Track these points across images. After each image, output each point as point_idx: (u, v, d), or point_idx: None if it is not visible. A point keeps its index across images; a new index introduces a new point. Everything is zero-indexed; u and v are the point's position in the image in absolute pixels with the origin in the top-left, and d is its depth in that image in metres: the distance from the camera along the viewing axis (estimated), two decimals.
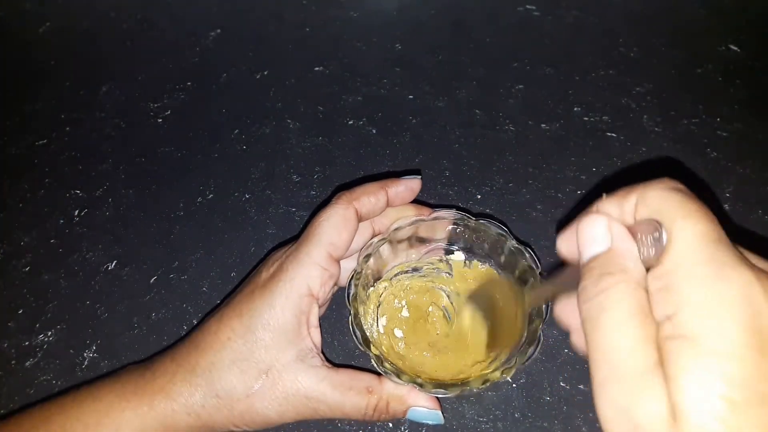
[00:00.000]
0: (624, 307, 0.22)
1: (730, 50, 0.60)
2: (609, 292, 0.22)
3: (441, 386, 0.33)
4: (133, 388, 0.34)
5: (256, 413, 0.33)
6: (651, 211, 0.23)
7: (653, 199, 0.24)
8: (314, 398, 0.33)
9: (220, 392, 0.32)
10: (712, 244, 0.21)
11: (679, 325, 0.20)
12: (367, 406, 0.33)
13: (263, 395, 0.33)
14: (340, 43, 0.62)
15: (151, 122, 0.57)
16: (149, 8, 0.67)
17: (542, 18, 0.64)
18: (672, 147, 0.53)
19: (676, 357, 0.20)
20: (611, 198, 0.26)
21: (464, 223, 0.39)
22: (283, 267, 0.34)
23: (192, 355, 0.34)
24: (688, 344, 0.20)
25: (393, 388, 0.34)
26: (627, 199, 0.25)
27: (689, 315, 0.20)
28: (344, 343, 0.43)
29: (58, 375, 0.42)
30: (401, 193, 0.37)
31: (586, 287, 0.23)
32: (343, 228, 0.35)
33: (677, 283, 0.21)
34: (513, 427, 0.39)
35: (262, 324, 0.33)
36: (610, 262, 0.23)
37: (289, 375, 0.33)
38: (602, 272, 0.23)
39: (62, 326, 0.44)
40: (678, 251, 0.21)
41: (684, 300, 0.21)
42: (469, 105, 0.57)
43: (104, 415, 0.33)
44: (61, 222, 0.50)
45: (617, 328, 0.22)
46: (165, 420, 0.33)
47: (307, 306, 0.34)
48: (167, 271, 0.47)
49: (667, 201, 0.23)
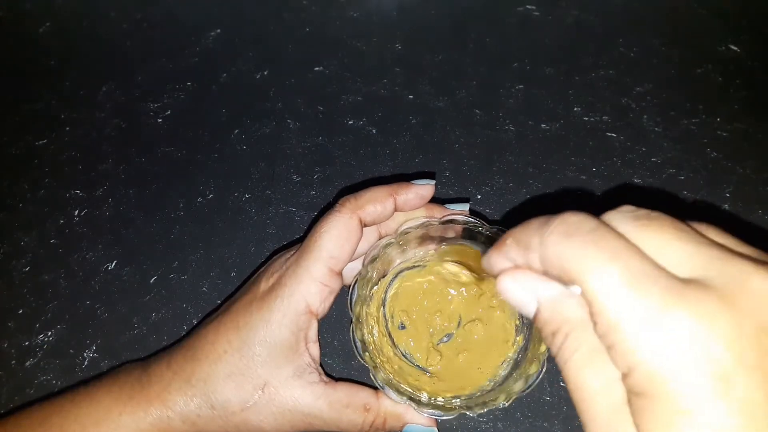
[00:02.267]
0: (579, 355, 0.21)
1: (730, 50, 0.60)
2: (564, 346, 0.21)
3: (438, 407, 0.33)
4: (130, 393, 0.34)
5: (252, 426, 0.33)
6: (557, 272, 0.21)
7: (551, 254, 0.21)
8: (310, 414, 0.33)
9: (216, 404, 0.32)
10: (633, 289, 0.19)
11: (635, 384, 0.19)
12: (364, 423, 0.33)
13: (259, 410, 0.32)
14: (340, 43, 0.62)
15: (151, 122, 0.57)
16: (149, 8, 0.66)
17: (542, 18, 0.64)
18: (672, 147, 0.53)
19: (642, 414, 0.19)
20: (513, 238, 0.24)
21: (478, 230, 0.37)
22: (282, 282, 0.33)
23: (189, 363, 0.34)
24: (649, 402, 0.18)
25: (390, 405, 0.34)
26: (529, 246, 0.23)
27: (642, 375, 0.18)
28: (344, 343, 0.43)
29: (58, 375, 0.42)
30: (410, 201, 0.36)
31: (549, 345, 0.22)
32: (345, 240, 0.33)
33: (618, 344, 0.19)
34: (513, 427, 0.39)
35: (258, 340, 0.33)
36: (550, 318, 0.22)
37: (286, 391, 0.33)
38: (550, 331, 0.22)
39: (62, 326, 0.44)
40: (604, 308, 0.19)
41: (631, 362, 0.19)
42: (469, 105, 0.57)
43: (102, 417, 0.33)
44: (61, 222, 0.50)
45: (582, 374, 0.21)
46: (161, 426, 0.33)
47: (305, 323, 0.33)
48: (167, 271, 0.47)
49: (565, 259, 0.21)
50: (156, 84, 0.60)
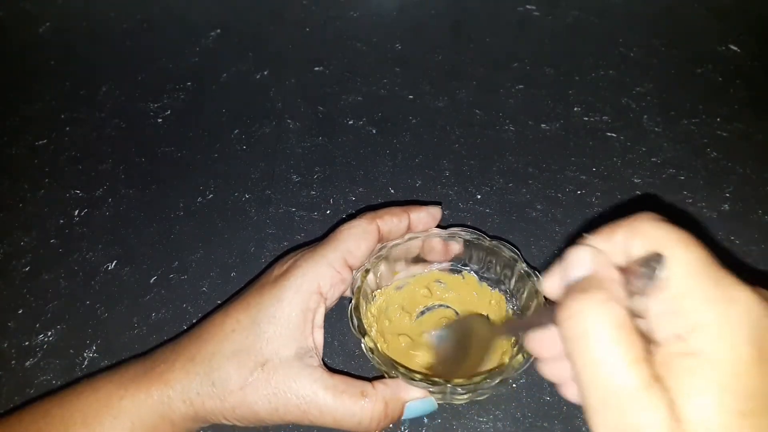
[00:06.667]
0: (608, 325, 0.21)
1: (730, 50, 0.60)
2: (591, 310, 0.22)
3: (431, 383, 0.33)
4: (132, 376, 0.34)
5: (247, 407, 0.33)
6: (647, 242, 0.24)
7: (647, 230, 0.24)
8: (304, 398, 0.33)
9: (216, 380, 0.33)
10: (712, 269, 0.22)
11: (692, 343, 0.21)
12: (362, 413, 0.33)
13: (256, 389, 0.32)
14: (340, 43, 0.62)
15: (151, 122, 0.57)
16: (149, 8, 0.67)
17: (542, 18, 0.64)
18: (672, 147, 0.53)
19: (688, 373, 0.21)
20: (596, 235, 0.26)
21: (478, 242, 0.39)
22: (297, 264, 0.35)
23: (194, 344, 0.34)
24: (698, 361, 0.21)
25: (387, 390, 0.34)
26: (614, 234, 0.25)
27: (700, 335, 0.21)
28: (344, 344, 0.43)
29: (58, 375, 0.42)
30: (423, 219, 0.39)
31: (566, 303, 0.23)
32: (362, 239, 0.36)
33: (686, 305, 0.22)
34: (513, 427, 0.39)
35: (267, 317, 0.33)
36: (591, 282, 0.23)
37: (284, 370, 0.33)
38: (583, 288, 0.23)
39: (62, 326, 0.44)
40: (681, 277, 0.22)
41: (694, 321, 0.22)
42: (469, 105, 0.57)
43: (103, 404, 0.33)
44: (61, 222, 0.50)
45: (605, 347, 0.21)
46: (161, 408, 0.33)
47: (314, 303, 0.34)
48: (167, 271, 0.47)
49: (660, 232, 0.24)
50: (156, 84, 0.60)
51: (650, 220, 0.25)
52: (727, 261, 0.23)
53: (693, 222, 0.48)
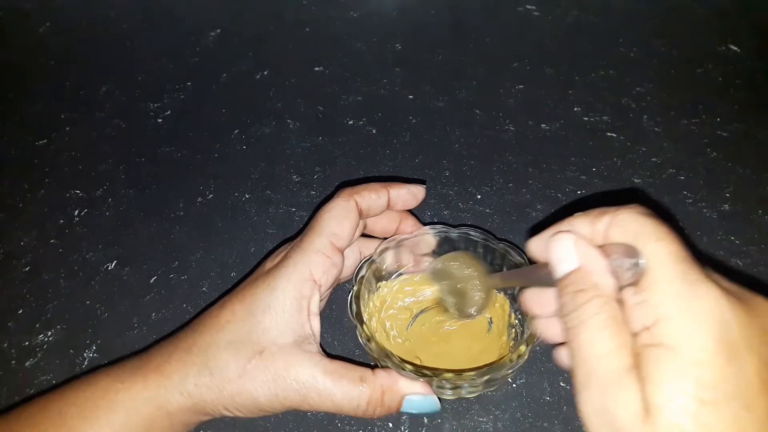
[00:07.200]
0: (598, 318, 0.24)
1: (730, 50, 0.60)
2: (585, 307, 0.25)
3: (420, 373, 0.33)
4: (129, 370, 0.34)
5: (247, 395, 0.33)
6: (624, 232, 0.26)
7: (626, 222, 0.26)
8: (304, 382, 0.32)
9: (214, 370, 0.33)
10: (683, 264, 0.24)
11: (657, 335, 0.23)
12: (360, 397, 0.33)
13: (254, 377, 0.32)
14: (340, 43, 0.62)
15: (151, 122, 0.57)
16: (149, 8, 0.67)
17: (542, 18, 0.64)
18: (672, 147, 0.53)
19: (654, 362, 0.23)
20: (584, 216, 0.28)
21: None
22: (287, 255, 0.35)
23: (190, 337, 0.34)
24: (664, 351, 0.23)
25: (386, 378, 0.34)
26: (599, 220, 0.27)
27: (666, 327, 0.23)
28: (344, 343, 0.43)
29: (58, 375, 0.42)
30: (403, 196, 0.38)
31: (565, 303, 0.26)
32: (344, 218, 0.36)
33: (655, 298, 0.24)
34: (513, 427, 0.39)
35: (262, 308, 0.33)
36: (581, 279, 0.26)
37: (282, 357, 0.33)
38: (576, 289, 0.26)
39: (62, 326, 0.44)
40: (653, 270, 0.24)
41: (661, 313, 0.23)
42: (469, 105, 0.57)
43: (99, 397, 0.33)
44: (61, 222, 0.50)
45: (593, 337, 0.24)
46: (158, 399, 0.33)
47: (308, 290, 0.34)
48: (167, 271, 0.47)
49: (639, 224, 0.26)
50: (156, 84, 0.60)
51: (633, 212, 0.26)
52: (727, 262, 0.24)
53: (690, 221, 0.48)
